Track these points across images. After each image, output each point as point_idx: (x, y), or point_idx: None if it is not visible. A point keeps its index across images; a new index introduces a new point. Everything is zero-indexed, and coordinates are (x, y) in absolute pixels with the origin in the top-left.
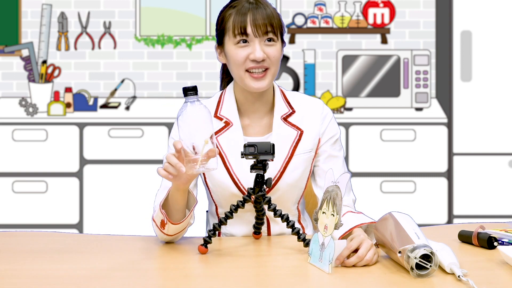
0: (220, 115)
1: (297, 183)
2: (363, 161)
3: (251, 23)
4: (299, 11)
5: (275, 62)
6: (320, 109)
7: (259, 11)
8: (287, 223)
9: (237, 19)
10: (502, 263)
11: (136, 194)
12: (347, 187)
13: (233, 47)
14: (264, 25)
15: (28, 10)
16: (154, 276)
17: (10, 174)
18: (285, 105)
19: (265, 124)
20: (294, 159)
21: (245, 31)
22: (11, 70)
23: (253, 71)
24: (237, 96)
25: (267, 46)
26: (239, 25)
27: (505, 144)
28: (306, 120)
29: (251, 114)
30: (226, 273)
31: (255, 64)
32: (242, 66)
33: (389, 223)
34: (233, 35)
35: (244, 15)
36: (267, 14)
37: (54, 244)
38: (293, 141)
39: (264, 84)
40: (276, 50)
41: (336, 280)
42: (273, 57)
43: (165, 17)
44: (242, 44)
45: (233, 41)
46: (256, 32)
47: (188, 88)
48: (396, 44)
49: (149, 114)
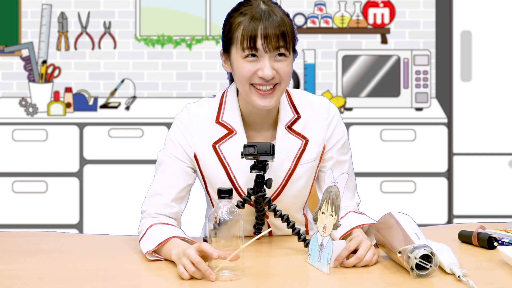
0: (222, 121)
1: (300, 193)
2: (363, 161)
3: (261, 37)
4: (299, 11)
5: (285, 78)
6: (326, 112)
7: (270, 22)
8: (288, 223)
9: (247, 31)
10: (502, 263)
11: (136, 194)
12: (351, 189)
13: (240, 60)
14: (275, 40)
15: (28, 10)
16: (154, 276)
17: (10, 174)
18: (291, 109)
19: (269, 132)
20: (298, 169)
21: (254, 46)
22: (11, 70)
23: (259, 88)
24: (241, 106)
25: (278, 61)
26: (248, 39)
27: (505, 144)
28: (311, 127)
29: (254, 123)
30: None
31: (263, 81)
32: (248, 80)
33: (389, 223)
34: (241, 48)
35: (255, 28)
36: (279, 25)
37: (54, 244)
38: (297, 152)
39: (271, 102)
40: (287, 65)
41: (335, 280)
42: (283, 73)
43: (165, 17)
44: (250, 58)
45: (241, 54)
46: (266, 47)
47: (223, 190)
48: (396, 44)
49: (149, 114)
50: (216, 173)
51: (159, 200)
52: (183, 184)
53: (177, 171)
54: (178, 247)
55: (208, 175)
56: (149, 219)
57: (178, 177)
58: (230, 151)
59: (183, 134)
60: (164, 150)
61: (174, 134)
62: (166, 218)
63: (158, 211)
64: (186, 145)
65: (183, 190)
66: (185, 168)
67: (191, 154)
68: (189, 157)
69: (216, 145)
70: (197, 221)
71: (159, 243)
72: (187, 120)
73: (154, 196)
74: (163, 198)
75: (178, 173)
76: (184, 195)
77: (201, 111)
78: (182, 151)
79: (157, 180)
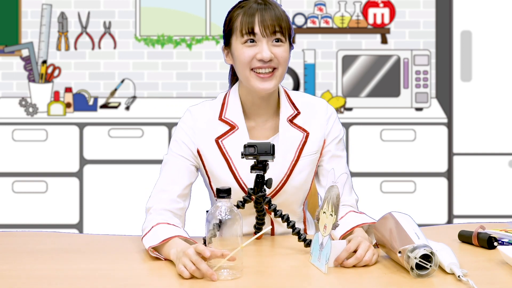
0: (225, 118)
1: (302, 185)
2: (363, 161)
3: (259, 23)
4: (299, 11)
5: (282, 62)
6: (325, 110)
7: (267, 12)
8: (288, 223)
9: (245, 19)
10: (502, 263)
11: (136, 194)
12: (347, 187)
13: (240, 46)
14: (272, 25)
15: (28, 10)
16: (153, 276)
17: (10, 174)
18: (290, 106)
19: (271, 126)
20: (300, 161)
21: (252, 31)
22: (11, 70)
23: (259, 71)
24: (242, 98)
25: (275, 46)
26: (246, 25)
27: (505, 144)
28: (311, 121)
29: (256, 116)
30: None
31: (262, 63)
32: (248, 65)
33: (389, 223)
34: (240, 34)
35: (252, 15)
36: (276, 15)
37: (54, 244)
38: (299, 144)
39: (270, 85)
40: (284, 50)
41: (335, 280)
42: (280, 57)
43: (165, 17)
44: (249, 43)
45: (240, 40)
46: (264, 32)
47: (221, 190)
48: (396, 44)
49: (149, 114)
50: (219, 168)
51: (165, 196)
52: (187, 181)
53: (181, 169)
54: (177, 247)
55: (211, 170)
56: (155, 216)
57: (182, 175)
58: (232, 146)
59: (186, 132)
60: (168, 151)
61: (178, 134)
62: (171, 215)
63: (164, 207)
64: (189, 142)
65: (187, 188)
66: (189, 166)
67: (194, 151)
68: (193, 154)
69: (219, 140)
70: (198, 221)
71: (161, 241)
72: (190, 121)
73: (160, 193)
74: (169, 194)
75: (182, 170)
76: (188, 193)
77: (203, 111)
78: (186, 148)
79: (162, 178)
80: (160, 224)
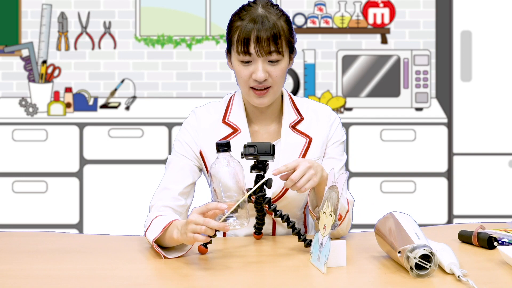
0: (228, 121)
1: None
2: (363, 161)
3: (254, 43)
4: (299, 11)
5: (277, 81)
6: (328, 116)
7: (264, 31)
8: (288, 223)
9: (241, 37)
10: (502, 263)
11: (136, 194)
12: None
13: (237, 63)
14: (267, 45)
15: (28, 10)
16: (153, 276)
17: (10, 174)
18: (294, 112)
19: (274, 131)
20: None
21: (248, 51)
22: (11, 70)
23: (255, 88)
24: (246, 103)
25: (271, 65)
26: (242, 44)
27: (505, 144)
28: (315, 127)
29: (259, 121)
30: (226, 273)
31: (257, 83)
32: (246, 83)
33: (389, 223)
34: (237, 52)
35: (248, 34)
36: (273, 33)
37: (54, 244)
38: (302, 149)
39: (265, 101)
40: (279, 69)
41: (335, 280)
42: (275, 77)
43: (165, 17)
44: (245, 63)
45: (237, 57)
46: (259, 52)
47: (221, 144)
48: (396, 44)
49: (149, 114)
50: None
51: (167, 194)
52: (190, 180)
53: (184, 168)
54: (178, 226)
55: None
56: (155, 212)
57: (185, 174)
58: (234, 148)
59: (189, 133)
60: (172, 151)
61: (181, 135)
62: (172, 211)
63: (165, 204)
64: (192, 143)
65: (189, 186)
66: (192, 166)
67: (197, 152)
68: (196, 155)
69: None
70: None
71: (162, 229)
72: (194, 122)
73: (162, 191)
74: (171, 191)
75: (185, 170)
76: (190, 191)
77: (207, 113)
78: (189, 149)
79: (165, 177)
80: (158, 216)
